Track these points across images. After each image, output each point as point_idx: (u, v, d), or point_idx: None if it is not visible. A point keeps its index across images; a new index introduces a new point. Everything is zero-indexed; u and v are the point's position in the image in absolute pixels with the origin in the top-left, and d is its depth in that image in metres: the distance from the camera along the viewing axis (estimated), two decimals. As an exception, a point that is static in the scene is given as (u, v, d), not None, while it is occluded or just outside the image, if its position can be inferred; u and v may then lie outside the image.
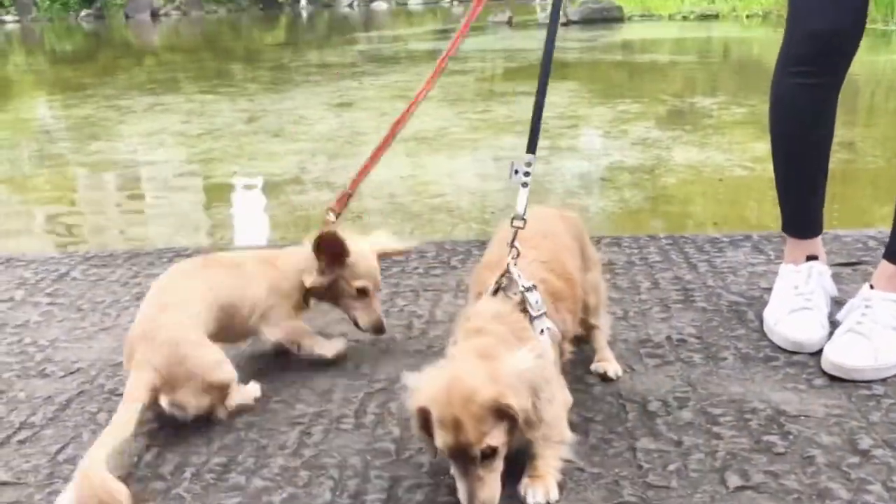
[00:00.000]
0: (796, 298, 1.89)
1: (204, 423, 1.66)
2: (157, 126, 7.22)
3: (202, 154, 5.97)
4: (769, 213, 4.03)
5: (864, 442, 1.46)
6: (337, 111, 7.64)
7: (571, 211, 1.77)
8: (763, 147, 5.27)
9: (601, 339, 1.78)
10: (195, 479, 1.48)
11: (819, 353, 1.77)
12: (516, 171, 1.62)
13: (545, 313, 1.45)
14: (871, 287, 1.82)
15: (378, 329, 1.87)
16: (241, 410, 1.67)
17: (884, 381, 1.67)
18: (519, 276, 1.46)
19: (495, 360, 1.29)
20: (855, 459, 1.41)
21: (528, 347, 1.32)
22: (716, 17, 17.13)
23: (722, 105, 7.12)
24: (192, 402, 1.57)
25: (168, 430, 1.65)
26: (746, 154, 5.11)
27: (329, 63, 12.40)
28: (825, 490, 1.34)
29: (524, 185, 1.60)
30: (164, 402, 1.54)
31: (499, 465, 1.27)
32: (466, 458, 1.24)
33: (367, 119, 7.25)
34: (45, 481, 1.50)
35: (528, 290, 1.44)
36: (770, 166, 2.02)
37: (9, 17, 31.06)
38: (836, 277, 2.24)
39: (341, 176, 5.11)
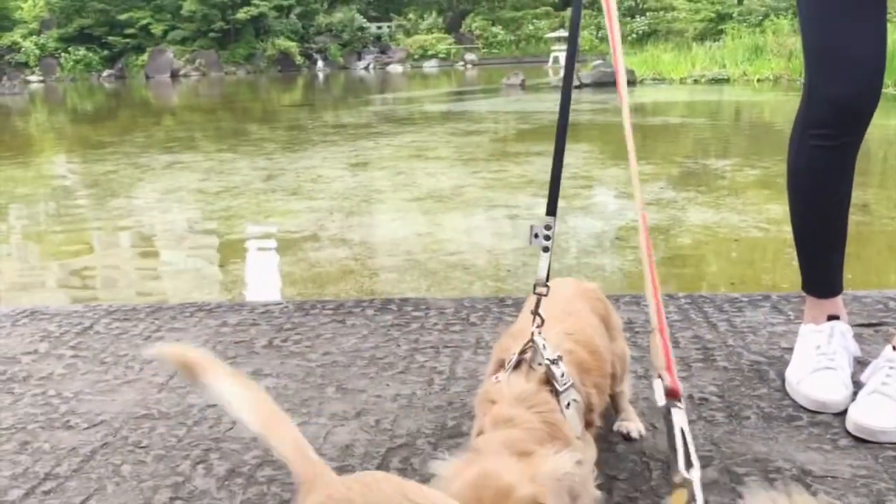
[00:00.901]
0: (819, 358, 1.88)
1: (227, 477, 1.67)
2: (175, 184, 7.35)
3: (221, 211, 6.06)
4: (785, 274, 4.04)
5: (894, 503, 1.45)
6: (353, 170, 7.77)
7: (590, 283, 1.76)
8: (778, 208, 5.31)
9: (624, 400, 1.78)
10: (218, 533, 1.48)
11: (842, 413, 1.76)
12: (536, 235, 1.56)
13: (572, 385, 1.38)
14: (894, 348, 1.82)
15: None
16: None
17: (910, 441, 1.66)
18: (544, 346, 1.39)
19: (530, 457, 1.20)
20: (884, 522, 1.40)
21: (568, 450, 1.23)
22: (726, 80, 17.41)
23: (735, 167, 7.19)
24: None
25: (191, 483, 1.65)
26: (762, 215, 5.14)
27: (345, 123, 12.63)
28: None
29: (545, 249, 1.55)
30: None
31: None
32: None
33: (383, 178, 7.36)
34: (68, 533, 1.51)
35: (553, 362, 1.37)
36: (786, 227, 2.05)
37: (34, 77, 31.93)
38: (858, 338, 2.24)
39: (357, 233, 5.18)
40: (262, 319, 2.62)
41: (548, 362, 1.37)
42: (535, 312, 1.45)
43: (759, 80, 16.83)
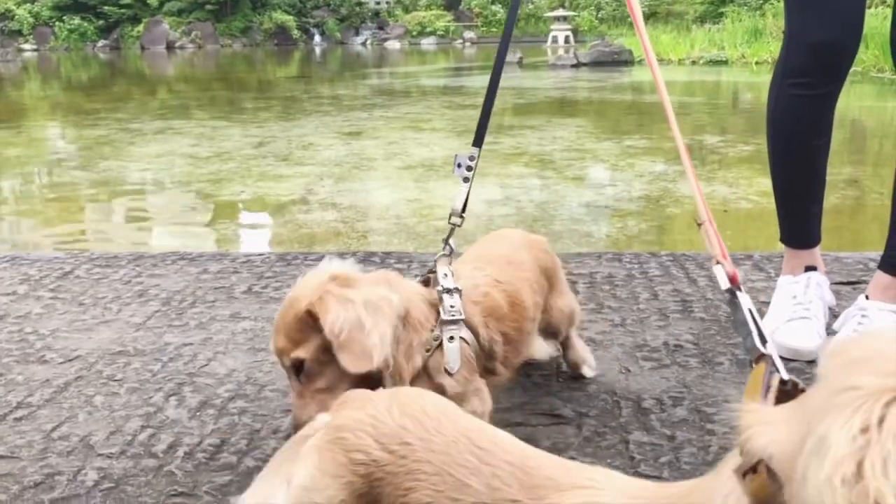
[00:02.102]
0: (794, 308, 1.90)
1: (199, 409, 1.67)
2: (166, 148, 7.31)
3: (210, 174, 6.03)
4: (772, 242, 4.05)
5: (858, 441, 1.46)
6: (346, 139, 7.73)
7: (538, 235, 1.72)
8: (769, 182, 5.30)
9: (572, 350, 1.74)
10: (187, 458, 1.48)
11: (814, 361, 1.77)
12: (459, 165, 1.57)
13: (463, 321, 1.33)
14: (867, 297, 1.83)
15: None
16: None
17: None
18: (445, 275, 1.36)
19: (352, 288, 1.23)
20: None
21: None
22: (725, 63, 17.33)
23: (729, 143, 7.18)
24: None
25: (162, 413, 1.65)
26: (752, 188, 5.14)
27: (340, 95, 12.56)
28: (817, 483, 1.33)
29: (465, 179, 1.56)
30: None
31: (324, 382, 1.21)
32: (287, 370, 1.23)
33: (375, 147, 7.32)
34: (38, 455, 1.51)
35: (447, 291, 1.33)
36: (771, 200, 2.04)
37: (27, 46, 31.60)
38: (836, 295, 2.25)
39: (347, 197, 5.16)
40: (243, 268, 2.62)
41: (440, 289, 1.34)
42: (446, 241, 1.45)
43: (757, 63, 16.76)
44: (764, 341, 0.88)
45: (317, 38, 33.53)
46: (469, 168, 1.54)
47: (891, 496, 0.55)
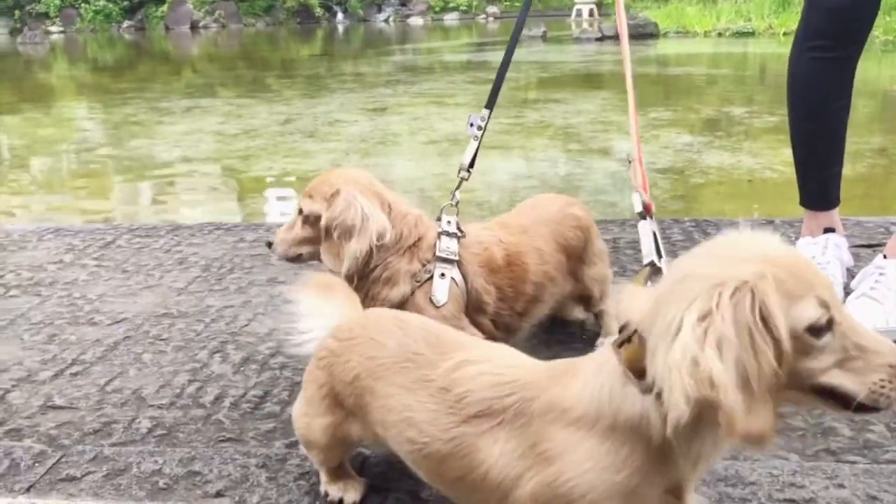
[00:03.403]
0: None
1: (242, 364, 1.77)
2: (195, 126, 7.43)
3: (239, 151, 6.14)
4: (796, 211, 4.08)
5: (872, 390, 1.52)
6: (370, 115, 7.79)
7: (580, 210, 1.79)
8: (790, 153, 5.30)
9: (608, 319, 1.83)
10: (233, 408, 1.58)
11: None
12: (472, 124, 1.69)
13: (457, 262, 1.47)
14: (885, 257, 1.87)
15: None
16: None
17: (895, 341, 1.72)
18: (448, 222, 1.52)
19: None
20: (862, 404, 1.47)
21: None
22: (751, 34, 17.10)
23: (754, 114, 7.14)
24: None
25: (208, 369, 1.75)
26: (777, 158, 5.13)
27: (363, 73, 12.60)
28: (829, 429, 1.39)
29: (475, 137, 1.68)
30: None
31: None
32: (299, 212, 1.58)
33: (400, 123, 7.38)
34: (94, 406, 1.61)
35: (447, 234, 1.49)
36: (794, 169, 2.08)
37: (54, 28, 31.91)
38: (856, 258, 2.29)
39: (372, 172, 5.21)
40: (277, 236, 2.71)
41: (440, 230, 1.48)
42: (453, 193, 1.63)
43: (785, 34, 16.50)
44: (660, 256, 1.06)
45: (339, 15, 33.48)
46: (479, 128, 1.66)
47: (723, 375, 0.65)
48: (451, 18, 31.55)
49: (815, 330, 0.75)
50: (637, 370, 0.79)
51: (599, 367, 0.84)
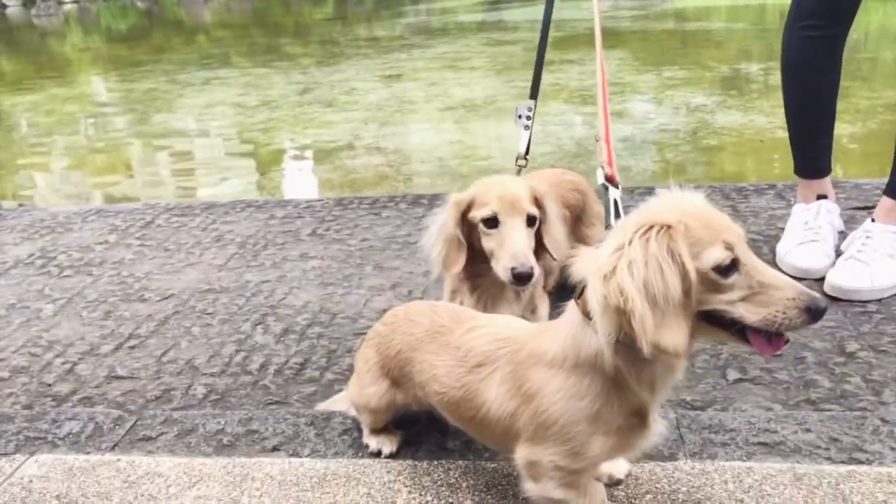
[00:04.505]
0: (805, 232, 2.09)
1: (283, 335, 1.95)
2: (215, 98, 7.58)
3: (260, 123, 6.30)
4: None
5: (852, 346, 1.67)
6: (387, 82, 7.89)
7: (575, 175, 1.94)
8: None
9: None
10: (277, 375, 1.77)
11: (823, 279, 1.98)
12: (519, 116, 1.82)
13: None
14: (873, 220, 2.01)
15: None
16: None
17: (879, 301, 1.87)
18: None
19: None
20: (841, 359, 1.63)
21: None
22: (769, -17, 16.81)
23: (769, 70, 7.17)
24: None
25: (252, 340, 1.94)
26: (787, 117, 5.21)
27: (378, 37, 12.64)
28: (811, 381, 1.56)
29: (526, 127, 1.82)
30: None
31: None
32: None
33: (416, 89, 7.49)
34: (153, 376, 1.81)
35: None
36: None
37: (68, -1, 31.90)
38: (851, 219, 2.43)
39: (391, 142, 5.38)
40: (305, 213, 2.88)
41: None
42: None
43: (802, -18, 16.25)
44: (618, 217, 1.28)
45: (351, -24, 33.15)
46: (528, 118, 1.78)
47: (631, 286, 0.83)
48: (463, -24, 31.17)
49: (722, 269, 0.90)
50: (589, 314, 0.97)
51: (568, 319, 1.03)
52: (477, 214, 1.50)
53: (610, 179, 1.45)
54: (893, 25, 10.75)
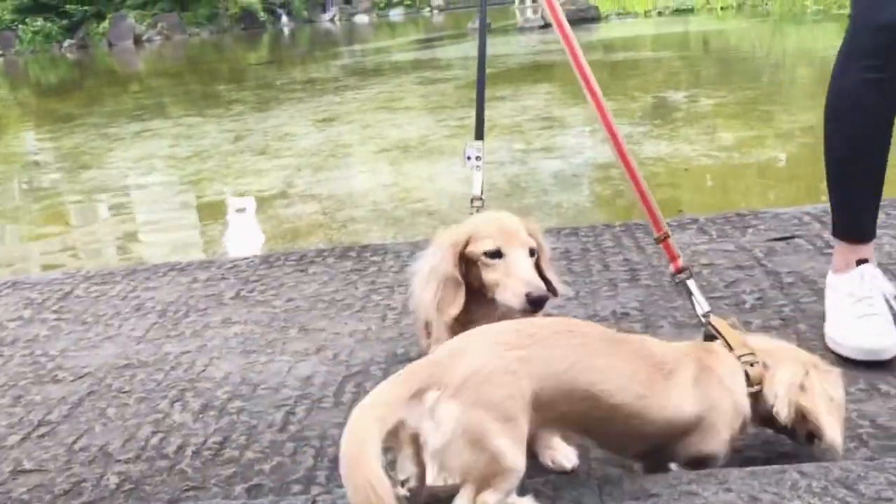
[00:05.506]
0: (857, 305, 1.80)
1: (201, 411, 1.88)
2: (146, 151, 7.45)
3: (191, 175, 6.19)
4: (728, 198, 4.29)
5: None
6: (320, 126, 7.87)
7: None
8: (728, 136, 5.51)
9: None
10: (195, 457, 1.69)
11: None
12: (469, 157, 1.80)
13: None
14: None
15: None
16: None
17: (798, 336, 1.89)
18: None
19: None
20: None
21: None
22: (691, 10, 17.42)
23: (692, 98, 7.37)
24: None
25: (170, 419, 1.86)
26: (713, 144, 5.34)
27: (312, 79, 12.63)
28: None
29: (477, 168, 1.79)
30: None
31: None
32: None
33: (350, 132, 7.48)
34: (63, 467, 1.72)
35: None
36: (735, 154, 2.17)
37: (-7, 52, 31.18)
38: (771, 251, 2.47)
39: (325, 187, 5.34)
40: (230, 274, 2.81)
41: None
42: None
43: (722, 8, 16.87)
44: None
45: (284, 18, 33.29)
46: (478, 158, 1.76)
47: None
48: (396, 14, 31.56)
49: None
50: None
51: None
52: (478, 248, 1.47)
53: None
54: (803, 48, 11.20)
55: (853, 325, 1.77)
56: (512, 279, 1.45)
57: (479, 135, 1.83)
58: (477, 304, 1.50)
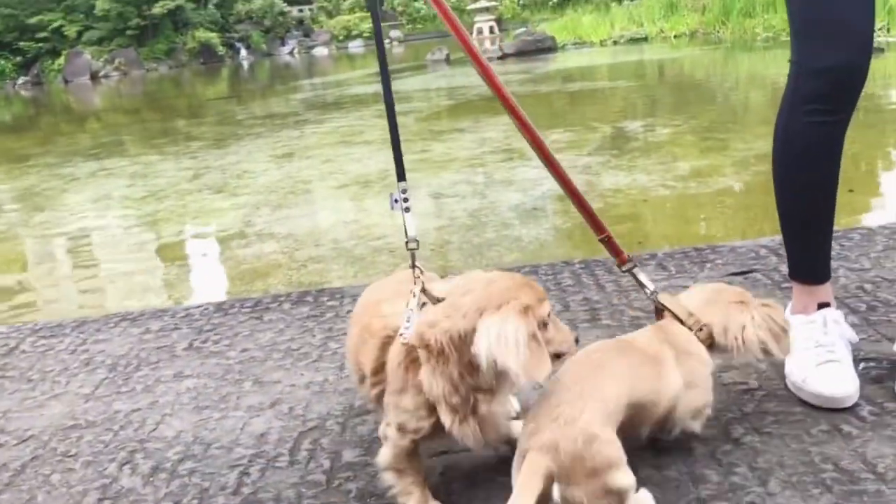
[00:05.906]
0: (818, 351, 1.78)
1: (151, 474, 1.80)
2: (101, 192, 7.32)
3: (148, 216, 6.08)
4: (687, 228, 4.31)
5: (737, 431, 1.66)
6: (279, 162, 7.81)
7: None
8: (684, 165, 5.57)
9: None
10: (143, 526, 1.62)
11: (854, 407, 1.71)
12: (396, 201, 1.73)
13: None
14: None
15: None
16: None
17: (759, 374, 1.88)
18: (414, 294, 1.50)
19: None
20: (727, 447, 1.61)
21: None
22: (645, 39, 17.75)
23: (648, 127, 7.47)
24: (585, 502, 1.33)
25: (117, 484, 1.78)
26: (669, 174, 5.40)
27: (271, 114, 12.58)
28: (700, 475, 1.53)
29: (406, 209, 1.72)
30: (556, 493, 1.33)
31: None
32: None
33: (309, 168, 7.43)
34: (3, 542, 1.63)
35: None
36: (691, 182, 2.18)
37: (-56, 91, 30.65)
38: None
39: (284, 226, 5.27)
40: (183, 323, 2.74)
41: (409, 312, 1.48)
42: (413, 265, 1.59)
43: (675, 37, 17.23)
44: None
45: (243, 52, 33.28)
46: (405, 200, 1.70)
47: None
48: (355, 46, 31.72)
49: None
50: None
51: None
52: (545, 310, 1.44)
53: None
54: (755, 74, 11.46)
55: (813, 372, 1.75)
56: (560, 333, 1.51)
57: (401, 175, 1.77)
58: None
